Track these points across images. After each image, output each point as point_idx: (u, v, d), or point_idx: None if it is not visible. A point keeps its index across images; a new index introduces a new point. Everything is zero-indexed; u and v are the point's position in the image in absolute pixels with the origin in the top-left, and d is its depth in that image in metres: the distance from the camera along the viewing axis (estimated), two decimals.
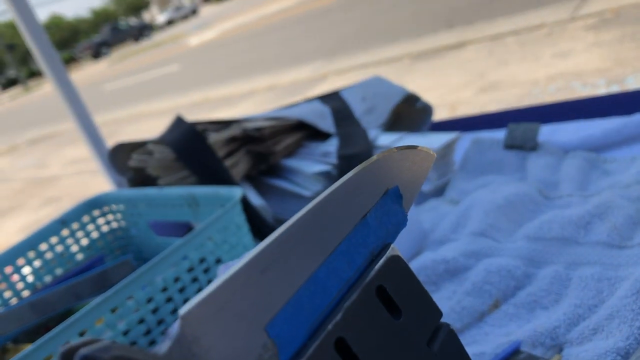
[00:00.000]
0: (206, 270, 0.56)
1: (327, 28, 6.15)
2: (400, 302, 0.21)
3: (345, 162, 0.70)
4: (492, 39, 3.67)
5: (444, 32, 4.23)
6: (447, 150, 0.71)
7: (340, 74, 4.32)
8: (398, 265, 0.22)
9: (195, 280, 0.55)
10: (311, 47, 5.58)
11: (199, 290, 0.56)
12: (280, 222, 0.75)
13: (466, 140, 0.78)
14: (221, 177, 0.72)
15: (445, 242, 0.57)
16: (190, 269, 0.55)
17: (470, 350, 0.45)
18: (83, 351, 0.13)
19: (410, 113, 0.90)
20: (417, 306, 0.22)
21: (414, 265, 0.54)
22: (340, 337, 0.19)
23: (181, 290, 0.54)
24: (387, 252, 0.22)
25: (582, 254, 0.49)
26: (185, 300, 0.54)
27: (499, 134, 0.72)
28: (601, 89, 2.50)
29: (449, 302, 0.50)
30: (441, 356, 0.22)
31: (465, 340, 0.47)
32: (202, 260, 0.56)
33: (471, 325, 0.48)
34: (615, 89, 2.45)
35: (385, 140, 0.77)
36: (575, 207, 0.55)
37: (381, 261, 0.20)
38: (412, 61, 3.95)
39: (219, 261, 0.57)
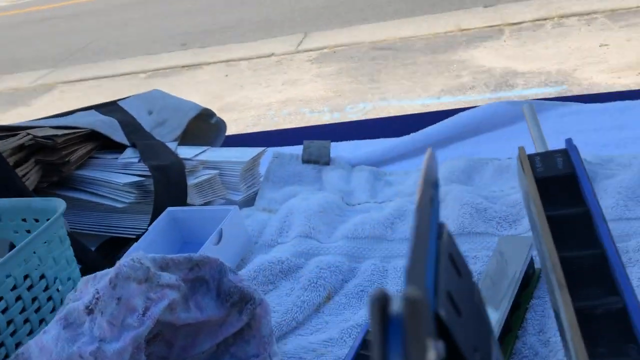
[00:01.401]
0: (30, 288, 0.51)
1: (52, 36, 5.64)
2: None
3: (160, 173, 0.70)
4: (227, 63, 3.84)
5: (179, 52, 4.27)
6: (254, 163, 0.76)
7: (71, 85, 4.02)
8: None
9: (19, 299, 0.50)
10: (34, 55, 5.06)
11: (23, 310, 0.50)
12: (79, 235, 0.70)
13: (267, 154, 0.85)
14: (15, 189, 0.65)
15: (274, 246, 0.63)
16: (14, 288, 0.49)
17: (318, 337, 0.51)
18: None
19: (202, 128, 0.93)
20: None
21: (250, 268, 0.58)
22: None
23: (3, 311, 0.49)
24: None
25: (392, 249, 0.60)
26: (9, 323, 0.49)
27: (295, 149, 0.81)
28: (326, 115, 2.83)
29: (289, 297, 0.55)
30: None
31: (310, 329, 0.52)
32: (26, 277, 0.51)
33: (312, 317, 0.54)
34: (337, 116, 2.81)
35: (188, 153, 0.79)
36: (376, 212, 0.65)
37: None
38: (147, 77, 3.89)
39: (42, 277, 0.52)
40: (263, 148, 0.77)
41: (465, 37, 3.45)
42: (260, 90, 3.29)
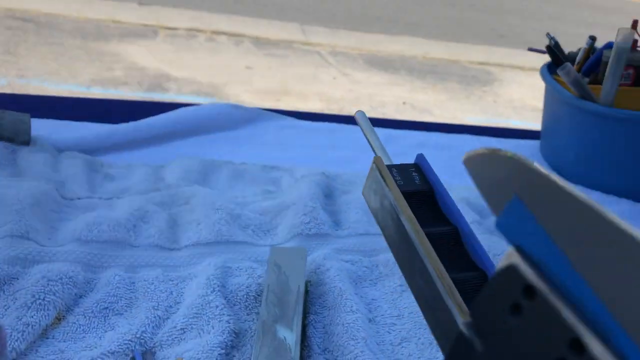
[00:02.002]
0: None
1: None
2: None
3: None
4: None
5: None
6: None
7: None
8: None
9: None
10: None
11: None
12: None
13: None
14: None
15: None
16: None
17: None
18: None
19: None
20: None
21: None
22: None
23: None
24: None
25: (138, 256, 0.50)
26: None
27: None
28: None
29: (6, 319, 0.40)
30: None
31: None
32: None
33: (40, 344, 0.40)
34: None
35: None
36: (107, 210, 0.54)
37: None
38: None
39: None
40: None
41: (119, 30, 3.29)
42: None
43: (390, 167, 0.34)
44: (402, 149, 0.77)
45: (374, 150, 0.36)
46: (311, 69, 3.14)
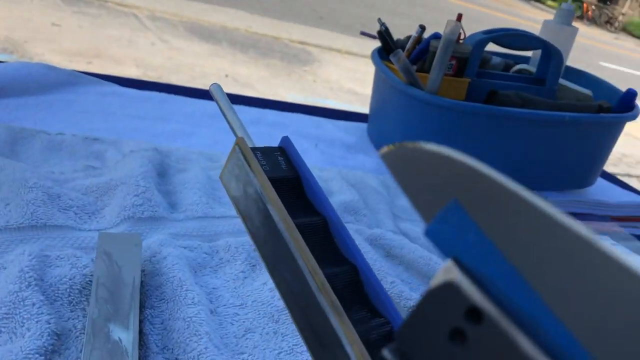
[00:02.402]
0: None
1: None
2: None
3: None
4: None
5: None
6: None
7: None
8: None
9: None
10: None
11: None
12: None
13: None
14: None
15: None
16: None
17: None
18: None
19: None
20: None
21: None
22: None
23: None
24: None
25: None
26: None
27: None
28: None
29: None
30: None
31: None
32: None
33: None
34: None
35: None
36: None
37: None
38: None
39: None
40: None
41: None
42: None
43: (254, 150, 0.31)
44: None
45: (233, 130, 0.33)
46: (127, 31, 2.92)
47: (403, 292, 0.45)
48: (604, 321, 0.12)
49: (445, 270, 0.15)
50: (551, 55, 0.81)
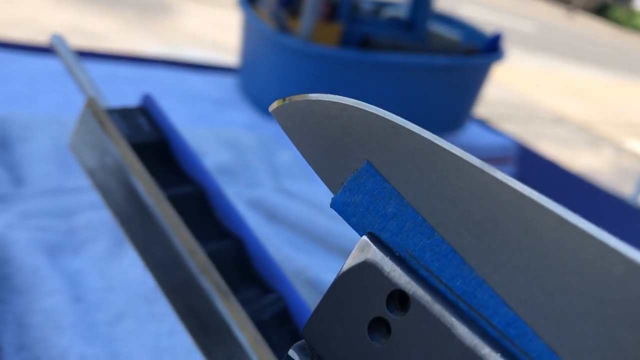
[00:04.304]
0: None
1: None
2: None
3: None
4: None
5: None
6: None
7: None
8: None
9: None
10: None
11: None
12: None
13: None
14: None
15: None
16: None
17: None
18: None
19: None
20: None
21: None
22: None
23: None
24: None
25: None
26: None
27: None
28: None
29: None
30: None
31: None
32: None
33: None
34: None
35: None
36: None
37: None
38: None
39: None
40: None
41: None
42: None
43: (110, 112, 0.26)
44: None
45: (82, 87, 0.27)
46: None
47: (289, 255, 0.43)
48: (557, 298, 0.10)
49: (359, 248, 0.12)
50: None
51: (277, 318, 0.23)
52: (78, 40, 2.38)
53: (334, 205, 0.12)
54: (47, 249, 0.40)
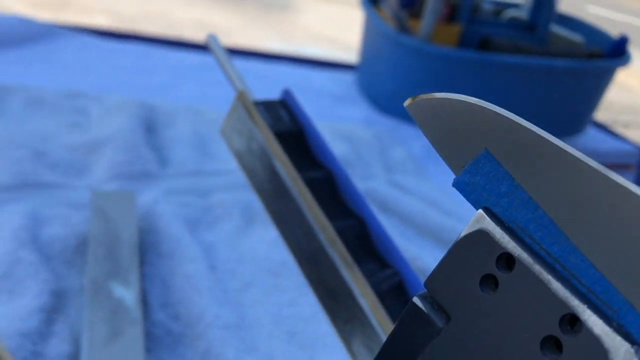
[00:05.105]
0: None
1: None
2: None
3: None
4: None
5: None
6: None
7: None
8: None
9: None
10: None
11: None
12: None
13: None
14: None
15: None
16: None
17: None
18: None
19: None
20: None
21: None
22: None
23: None
24: None
25: None
26: None
27: None
28: None
29: None
30: None
31: None
32: None
33: None
34: None
35: None
36: None
37: None
38: None
39: None
40: None
41: None
42: None
43: (256, 104, 0.30)
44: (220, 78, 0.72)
45: (233, 83, 0.32)
46: None
47: (400, 245, 0.46)
48: (637, 265, 0.12)
49: (476, 219, 0.14)
50: (542, 0, 0.80)
51: (393, 290, 0.26)
52: (204, 35, 2.54)
53: (456, 184, 0.15)
54: (187, 222, 0.46)
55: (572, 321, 0.13)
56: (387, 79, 0.77)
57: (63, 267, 0.39)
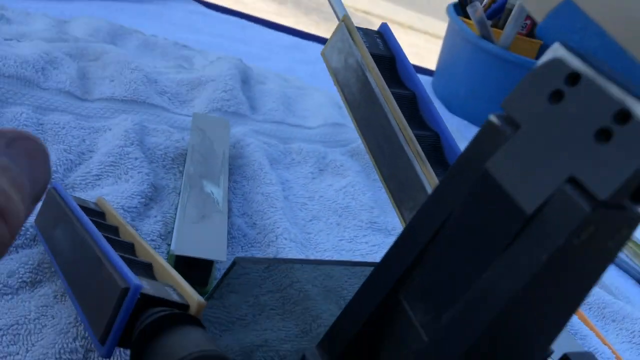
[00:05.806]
0: None
1: None
2: None
3: None
4: None
5: None
6: None
7: None
8: None
9: None
10: None
11: None
12: None
13: None
14: None
15: None
16: None
17: None
18: None
19: None
20: None
21: None
22: None
23: None
24: None
25: (48, 99, 0.45)
26: None
27: None
28: None
29: None
30: None
31: None
32: None
33: None
34: None
35: None
36: (10, 48, 0.48)
37: None
38: None
39: None
40: None
41: None
42: None
43: (358, 28, 0.34)
44: (307, 58, 0.77)
45: (336, 13, 0.37)
46: None
47: None
48: None
49: (552, 49, 0.18)
50: None
51: None
52: None
53: (540, 30, 0.19)
54: (269, 158, 0.51)
55: (625, 116, 0.16)
56: (463, 81, 0.81)
57: (162, 170, 0.45)
